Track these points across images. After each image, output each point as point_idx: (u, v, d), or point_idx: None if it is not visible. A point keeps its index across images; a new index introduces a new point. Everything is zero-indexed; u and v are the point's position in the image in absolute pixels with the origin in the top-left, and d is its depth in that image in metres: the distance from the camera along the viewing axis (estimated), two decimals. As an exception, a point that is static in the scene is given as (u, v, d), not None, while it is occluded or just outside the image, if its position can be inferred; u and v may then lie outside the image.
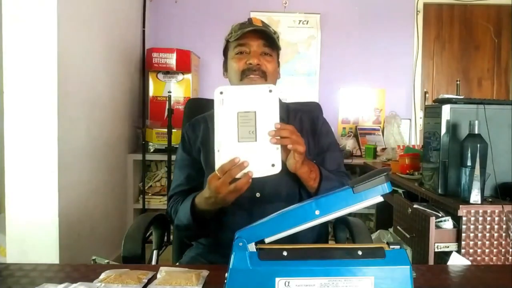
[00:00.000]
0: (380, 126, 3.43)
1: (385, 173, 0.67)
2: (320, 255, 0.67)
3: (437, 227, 1.53)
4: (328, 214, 0.68)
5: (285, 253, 0.67)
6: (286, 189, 1.12)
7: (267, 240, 0.68)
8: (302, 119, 1.21)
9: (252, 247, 0.68)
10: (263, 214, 1.09)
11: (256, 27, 1.11)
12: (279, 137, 0.89)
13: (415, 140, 3.41)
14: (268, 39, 1.13)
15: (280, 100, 1.23)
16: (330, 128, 1.25)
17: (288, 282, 0.64)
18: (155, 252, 1.22)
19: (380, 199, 0.68)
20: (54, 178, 1.90)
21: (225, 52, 1.22)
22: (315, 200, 0.68)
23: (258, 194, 1.11)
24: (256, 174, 0.88)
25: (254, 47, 1.12)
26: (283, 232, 0.68)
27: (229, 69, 1.18)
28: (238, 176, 0.88)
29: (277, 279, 0.64)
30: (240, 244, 0.67)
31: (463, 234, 1.49)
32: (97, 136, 2.40)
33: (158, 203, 3.00)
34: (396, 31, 3.46)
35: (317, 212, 0.67)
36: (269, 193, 1.11)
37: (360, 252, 0.67)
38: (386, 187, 0.67)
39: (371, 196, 0.67)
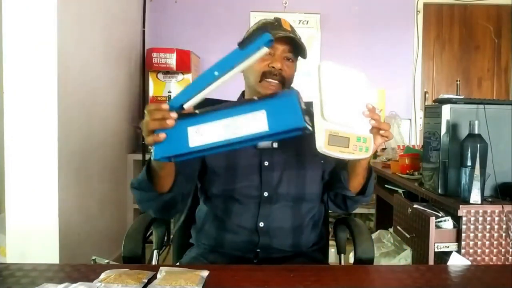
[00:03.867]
0: (380, 126, 3.42)
1: (263, 28, 0.80)
2: (223, 107, 0.80)
3: (437, 227, 1.53)
4: (225, 72, 0.77)
5: (197, 112, 0.80)
6: (294, 189, 1.12)
7: (186, 106, 0.80)
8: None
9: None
10: (269, 214, 1.10)
11: (287, 35, 1.09)
12: (374, 122, 0.89)
13: (415, 140, 3.41)
14: (294, 45, 1.11)
15: None
16: None
17: (198, 129, 0.77)
18: (155, 252, 1.22)
19: (266, 50, 0.77)
20: (54, 178, 1.90)
21: None
22: (213, 66, 0.78)
23: (266, 194, 1.11)
24: (349, 156, 0.88)
25: (279, 51, 1.10)
26: (198, 95, 0.79)
27: (248, 67, 1.16)
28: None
29: (189, 128, 0.77)
30: None
31: (463, 234, 1.49)
32: (97, 136, 2.40)
33: (158, 203, 2.99)
34: (396, 31, 3.46)
35: (216, 73, 0.77)
36: (276, 193, 1.11)
37: (255, 98, 0.81)
38: (266, 36, 0.76)
39: (256, 48, 0.76)
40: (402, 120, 3.29)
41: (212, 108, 0.81)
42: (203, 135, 0.77)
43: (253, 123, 0.76)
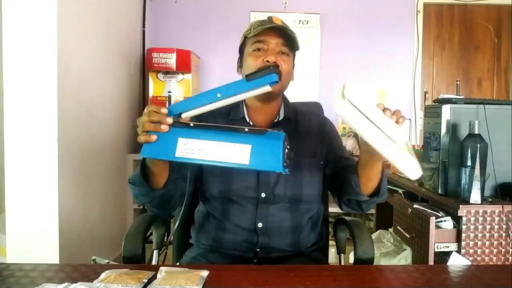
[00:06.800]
0: (380, 126, 3.42)
1: (272, 67, 0.86)
2: (216, 128, 0.85)
3: (437, 227, 1.53)
4: (227, 97, 0.84)
5: (191, 124, 0.85)
6: (291, 190, 1.11)
7: (183, 115, 0.86)
8: (311, 120, 1.21)
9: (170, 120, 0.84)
10: (267, 215, 1.10)
11: (277, 25, 1.08)
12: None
13: (415, 140, 3.41)
14: (287, 38, 1.10)
15: (287, 100, 1.24)
16: (336, 130, 1.26)
17: (187, 142, 0.82)
18: (155, 252, 1.22)
19: (268, 88, 0.84)
20: (54, 178, 1.90)
21: (241, 48, 1.18)
22: (218, 87, 0.84)
23: (263, 195, 1.10)
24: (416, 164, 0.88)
25: (272, 45, 1.09)
26: (197, 109, 0.86)
27: (245, 66, 1.14)
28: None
29: (179, 139, 0.82)
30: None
31: (463, 234, 1.49)
32: (97, 136, 2.40)
33: (158, 203, 2.99)
34: (396, 31, 3.46)
35: (218, 95, 0.84)
36: (274, 194, 1.11)
37: (246, 129, 0.84)
38: (272, 77, 0.83)
39: (261, 84, 0.83)
40: (402, 120, 3.28)
41: (205, 125, 0.86)
42: (190, 149, 0.83)
43: (237, 154, 0.81)
